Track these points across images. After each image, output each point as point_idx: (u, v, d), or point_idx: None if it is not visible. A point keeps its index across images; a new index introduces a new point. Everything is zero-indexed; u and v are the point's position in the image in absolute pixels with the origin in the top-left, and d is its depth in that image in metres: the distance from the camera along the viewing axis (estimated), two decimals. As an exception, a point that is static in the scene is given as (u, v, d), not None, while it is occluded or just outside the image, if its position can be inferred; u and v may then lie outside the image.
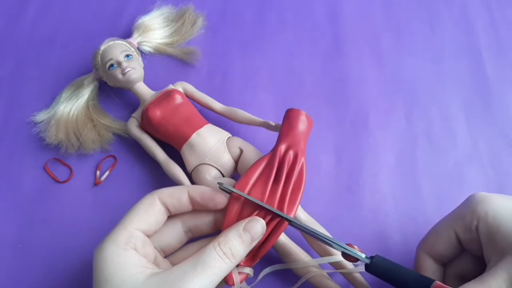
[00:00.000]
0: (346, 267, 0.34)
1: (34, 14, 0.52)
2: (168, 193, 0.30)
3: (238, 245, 0.28)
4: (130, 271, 0.26)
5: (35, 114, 0.44)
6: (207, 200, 0.31)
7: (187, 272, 0.26)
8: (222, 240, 0.28)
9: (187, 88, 0.43)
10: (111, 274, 0.26)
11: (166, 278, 0.26)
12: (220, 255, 0.27)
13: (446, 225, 0.32)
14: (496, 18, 0.50)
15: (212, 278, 0.26)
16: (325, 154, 0.43)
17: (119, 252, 0.27)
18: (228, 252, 0.28)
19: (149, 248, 0.30)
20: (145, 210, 0.30)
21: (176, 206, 0.31)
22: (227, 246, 0.28)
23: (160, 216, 0.30)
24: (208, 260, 0.27)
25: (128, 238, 0.28)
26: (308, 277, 0.34)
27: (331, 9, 0.51)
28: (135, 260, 0.27)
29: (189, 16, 0.49)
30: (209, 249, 0.28)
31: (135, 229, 0.29)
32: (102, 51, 0.42)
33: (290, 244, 0.36)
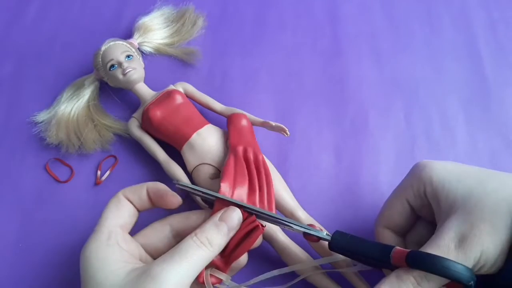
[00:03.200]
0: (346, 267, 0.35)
1: (34, 14, 0.52)
2: (130, 190, 0.31)
3: (215, 234, 0.29)
4: (112, 267, 0.27)
5: (36, 114, 0.44)
6: (158, 198, 0.31)
7: (166, 262, 0.26)
8: (199, 230, 0.29)
9: (188, 88, 0.43)
10: (94, 271, 0.27)
11: (145, 270, 0.26)
12: (197, 243, 0.28)
13: (397, 196, 0.33)
14: (495, 19, 0.50)
15: (191, 266, 0.27)
16: (325, 154, 0.43)
17: (102, 248, 0.28)
18: (205, 240, 0.28)
19: (132, 244, 0.30)
20: (116, 207, 0.31)
21: (138, 202, 0.31)
22: (204, 235, 0.28)
23: (131, 209, 0.31)
24: (185, 248, 0.27)
25: (109, 234, 0.29)
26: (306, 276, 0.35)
27: (331, 9, 0.51)
28: (118, 255, 0.28)
29: (189, 16, 0.49)
30: (186, 239, 0.28)
31: (113, 226, 0.29)
32: (103, 51, 0.42)
33: (291, 245, 0.36)
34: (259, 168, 0.37)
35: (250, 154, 0.37)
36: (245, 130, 0.39)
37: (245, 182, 0.35)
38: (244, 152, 0.37)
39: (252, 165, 0.36)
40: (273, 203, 0.36)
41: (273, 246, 0.36)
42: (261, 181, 0.36)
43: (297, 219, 0.37)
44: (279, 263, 0.36)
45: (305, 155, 0.43)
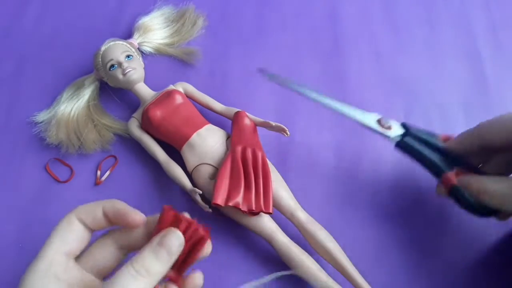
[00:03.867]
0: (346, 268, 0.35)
1: (34, 14, 0.52)
2: (84, 210, 0.29)
3: (153, 262, 0.26)
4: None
5: (36, 114, 0.44)
6: (118, 218, 0.28)
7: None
8: (135, 258, 0.26)
9: (188, 88, 0.43)
10: None
11: None
12: (133, 274, 0.25)
13: None
14: (495, 18, 0.50)
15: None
16: (325, 154, 0.43)
17: (38, 282, 0.26)
18: (142, 270, 0.25)
19: (74, 272, 0.28)
20: (64, 231, 0.28)
21: (91, 223, 0.28)
22: (140, 264, 0.25)
23: (81, 233, 0.28)
24: (121, 282, 0.24)
25: (49, 264, 0.27)
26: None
27: (331, 9, 0.51)
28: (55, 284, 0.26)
29: (189, 16, 0.49)
30: (122, 270, 0.25)
31: (55, 253, 0.27)
32: (103, 51, 0.42)
33: (291, 245, 0.36)
34: (257, 168, 0.37)
35: (249, 153, 0.37)
36: (247, 129, 0.39)
37: (240, 185, 0.36)
38: (243, 152, 0.37)
39: (249, 165, 0.37)
40: (269, 202, 0.36)
41: (273, 246, 0.36)
42: (258, 181, 0.36)
43: (297, 220, 0.37)
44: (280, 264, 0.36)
45: (305, 155, 0.43)
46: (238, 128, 0.39)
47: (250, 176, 0.36)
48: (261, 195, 0.36)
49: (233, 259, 0.38)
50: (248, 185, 0.36)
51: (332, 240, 0.36)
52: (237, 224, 0.37)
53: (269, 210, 0.35)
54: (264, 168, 0.37)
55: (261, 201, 0.36)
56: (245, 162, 0.37)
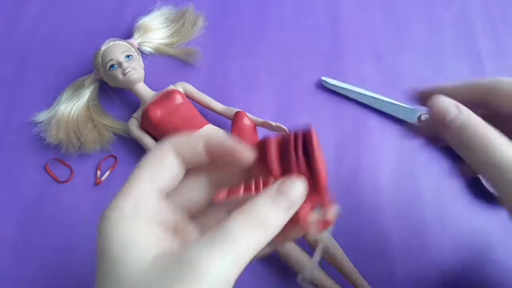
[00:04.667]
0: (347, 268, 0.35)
1: (34, 14, 0.52)
2: (182, 142, 0.23)
3: (270, 211, 0.21)
4: (135, 251, 0.20)
5: (36, 114, 0.44)
6: (223, 154, 0.23)
7: (206, 247, 0.19)
8: (248, 206, 0.21)
9: (187, 89, 0.43)
10: (113, 254, 0.20)
11: (179, 258, 0.19)
12: (247, 224, 0.20)
13: None
14: (495, 18, 0.50)
15: (239, 254, 0.19)
16: (325, 154, 0.43)
17: (124, 223, 0.21)
18: (255, 221, 0.20)
19: (166, 213, 0.23)
20: (156, 164, 0.23)
21: (190, 158, 0.23)
22: (254, 214, 0.21)
23: (176, 168, 0.23)
24: (231, 230, 0.20)
25: (136, 202, 0.21)
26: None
27: (331, 9, 0.51)
28: (144, 234, 0.21)
29: (189, 16, 0.49)
30: (232, 218, 0.20)
31: (146, 189, 0.22)
32: (103, 51, 0.42)
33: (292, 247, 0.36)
34: None
35: None
36: (247, 129, 0.39)
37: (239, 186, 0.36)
38: None
39: None
40: None
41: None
42: (258, 180, 0.36)
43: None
44: (280, 264, 0.36)
45: (305, 155, 0.43)
46: (238, 128, 0.39)
47: None
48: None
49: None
50: (247, 185, 0.36)
51: (332, 241, 0.36)
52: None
53: None
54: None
55: None
56: None
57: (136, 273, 0.19)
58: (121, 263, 0.20)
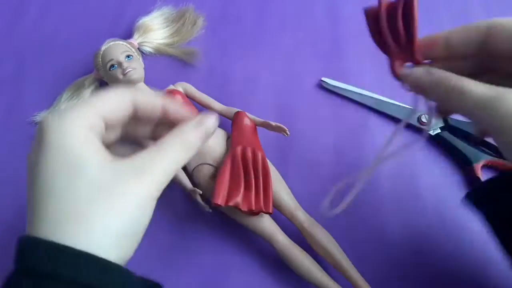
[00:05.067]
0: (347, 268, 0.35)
1: (34, 14, 0.52)
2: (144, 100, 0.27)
3: (193, 134, 0.27)
4: (94, 153, 0.23)
5: (36, 114, 0.44)
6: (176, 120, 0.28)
7: (149, 158, 0.24)
8: (177, 130, 0.26)
9: (188, 89, 0.43)
10: (70, 147, 0.23)
11: (131, 163, 0.24)
12: (176, 141, 0.26)
13: None
14: (496, 18, 0.50)
15: (171, 160, 0.25)
16: (325, 154, 0.43)
17: (83, 130, 0.23)
18: (182, 139, 0.26)
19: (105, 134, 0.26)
20: (115, 103, 0.26)
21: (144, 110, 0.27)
22: (181, 134, 0.26)
23: (123, 115, 0.27)
24: (166, 144, 0.25)
25: (94, 119, 0.24)
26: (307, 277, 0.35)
27: (331, 9, 0.51)
28: (98, 145, 0.24)
29: (189, 16, 0.49)
30: (167, 136, 0.26)
31: (101, 115, 0.25)
32: (103, 51, 0.42)
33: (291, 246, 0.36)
34: (257, 168, 0.37)
35: (249, 153, 0.37)
36: (247, 129, 0.39)
37: (240, 185, 0.36)
38: (243, 152, 0.37)
39: (249, 165, 0.37)
40: (269, 202, 0.36)
41: (273, 246, 0.36)
42: (258, 181, 0.36)
43: (297, 220, 0.37)
44: (280, 264, 0.36)
45: (305, 155, 0.43)
46: (238, 128, 0.40)
47: (250, 176, 0.36)
48: (261, 195, 0.36)
49: (233, 260, 0.38)
50: (248, 185, 0.36)
51: (332, 241, 0.36)
52: (238, 224, 0.37)
53: (269, 210, 0.35)
54: (264, 168, 0.37)
55: (261, 201, 0.35)
56: (245, 162, 0.37)
57: (93, 170, 0.23)
58: (80, 161, 0.23)
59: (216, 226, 0.39)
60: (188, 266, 0.38)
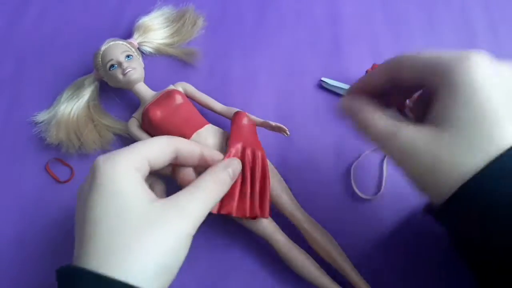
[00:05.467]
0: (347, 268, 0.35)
1: (34, 14, 0.52)
2: (185, 145, 0.32)
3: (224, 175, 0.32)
4: (139, 193, 0.27)
5: (36, 114, 0.44)
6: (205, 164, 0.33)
7: (191, 196, 0.28)
8: (211, 170, 0.32)
9: (187, 89, 0.43)
10: (118, 188, 0.26)
11: (172, 201, 0.27)
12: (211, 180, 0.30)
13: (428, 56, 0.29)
14: (496, 18, 0.50)
15: (208, 199, 0.29)
16: (325, 154, 0.43)
17: (131, 171, 0.27)
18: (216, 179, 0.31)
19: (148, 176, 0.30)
20: (160, 148, 0.30)
21: (186, 157, 0.32)
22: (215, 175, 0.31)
23: (168, 159, 0.31)
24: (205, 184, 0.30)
25: (141, 163, 0.28)
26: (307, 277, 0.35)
27: (331, 10, 0.51)
28: (144, 186, 0.28)
29: (189, 16, 0.49)
30: (203, 177, 0.30)
31: (146, 159, 0.29)
32: (103, 51, 0.42)
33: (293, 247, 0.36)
34: (255, 169, 0.36)
35: (249, 153, 0.37)
36: (246, 129, 0.39)
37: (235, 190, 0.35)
38: (242, 152, 0.37)
39: (247, 166, 0.36)
40: (266, 206, 0.35)
41: (273, 246, 0.36)
42: (254, 184, 0.36)
43: (297, 220, 0.37)
44: (280, 264, 0.36)
45: (305, 155, 0.43)
46: (237, 128, 0.39)
47: (247, 178, 0.36)
48: (256, 200, 0.35)
49: (233, 259, 0.38)
50: (243, 189, 0.36)
51: (332, 241, 0.36)
52: (237, 224, 0.37)
53: (265, 215, 0.35)
54: (263, 169, 0.37)
55: (257, 206, 0.35)
56: (243, 163, 0.36)
57: (139, 207, 0.26)
58: (128, 200, 0.26)
59: (216, 225, 0.39)
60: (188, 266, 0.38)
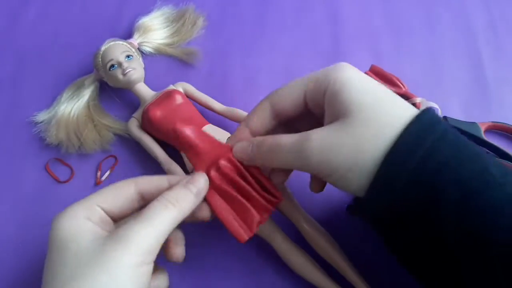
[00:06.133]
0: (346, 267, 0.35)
1: (34, 14, 0.52)
2: (147, 181, 0.29)
3: (183, 194, 0.28)
4: (77, 238, 0.26)
5: (36, 114, 0.44)
6: None
7: (132, 224, 0.25)
8: (166, 192, 0.28)
9: (187, 89, 0.43)
10: (60, 242, 0.26)
11: (112, 234, 0.26)
12: (164, 203, 0.27)
13: (300, 83, 0.31)
14: (495, 18, 0.50)
15: (158, 227, 0.26)
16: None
17: (77, 222, 0.26)
18: (172, 200, 0.27)
19: (106, 225, 0.28)
20: (115, 192, 0.29)
21: (153, 193, 0.29)
22: (171, 195, 0.28)
23: (128, 203, 0.29)
24: (152, 210, 0.26)
25: (89, 213, 0.27)
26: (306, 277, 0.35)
27: (331, 9, 0.51)
28: (91, 228, 0.26)
29: (189, 16, 0.49)
30: (153, 202, 0.27)
31: (96, 205, 0.28)
32: (103, 51, 0.42)
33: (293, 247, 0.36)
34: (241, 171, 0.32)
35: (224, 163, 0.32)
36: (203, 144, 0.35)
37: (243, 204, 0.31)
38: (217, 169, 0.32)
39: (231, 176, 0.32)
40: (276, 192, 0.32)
41: (273, 246, 0.36)
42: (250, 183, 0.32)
43: (297, 220, 0.37)
44: (280, 264, 0.36)
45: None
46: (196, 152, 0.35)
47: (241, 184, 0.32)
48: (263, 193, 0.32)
49: (233, 260, 0.38)
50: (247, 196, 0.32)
51: (331, 240, 0.36)
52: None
53: (280, 198, 0.33)
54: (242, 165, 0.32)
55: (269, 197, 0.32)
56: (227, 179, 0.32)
57: (79, 250, 0.25)
58: (67, 247, 0.25)
59: (216, 225, 0.39)
60: (188, 266, 0.38)
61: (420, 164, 0.25)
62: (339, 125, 0.27)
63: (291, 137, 0.28)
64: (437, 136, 0.25)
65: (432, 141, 0.25)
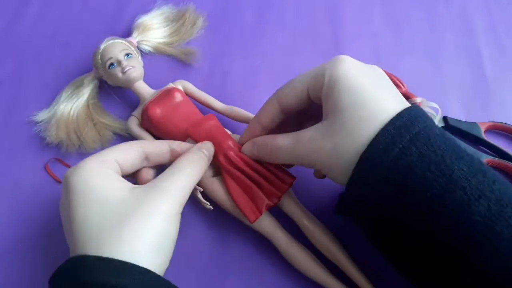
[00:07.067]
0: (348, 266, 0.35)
1: (34, 14, 0.52)
2: (151, 143, 0.34)
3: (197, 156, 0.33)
4: (116, 183, 0.29)
5: (36, 114, 0.44)
6: None
7: (171, 177, 0.30)
8: (185, 154, 0.33)
9: (187, 87, 0.43)
10: (94, 186, 0.28)
11: (153, 186, 0.29)
12: (187, 162, 0.32)
13: (301, 80, 0.32)
14: (495, 18, 0.50)
15: (187, 179, 0.30)
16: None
17: (99, 169, 0.29)
18: (191, 160, 0.32)
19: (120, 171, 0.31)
20: (127, 150, 0.32)
21: (157, 155, 0.33)
22: (190, 157, 0.32)
23: (138, 160, 0.32)
24: (181, 165, 0.31)
25: (111, 162, 0.30)
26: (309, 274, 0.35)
27: (331, 9, 0.51)
28: (118, 178, 0.29)
29: (189, 16, 0.49)
30: (177, 160, 0.32)
31: (113, 159, 0.30)
32: (102, 50, 0.42)
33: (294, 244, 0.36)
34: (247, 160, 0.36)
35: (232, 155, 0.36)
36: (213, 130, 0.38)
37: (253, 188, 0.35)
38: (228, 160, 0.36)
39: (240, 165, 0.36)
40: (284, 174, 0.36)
41: (274, 243, 0.36)
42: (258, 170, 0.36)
43: (298, 217, 0.36)
44: (281, 262, 0.36)
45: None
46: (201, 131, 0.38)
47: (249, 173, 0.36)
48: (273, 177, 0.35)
49: (234, 258, 0.38)
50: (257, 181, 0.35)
51: (332, 237, 0.36)
52: (238, 221, 0.37)
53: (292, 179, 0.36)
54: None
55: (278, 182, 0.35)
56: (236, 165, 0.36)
57: (119, 199, 0.27)
58: (105, 192, 0.27)
59: (217, 223, 0.39)
60: (188, 265, 0.38)
61: (393, 163, 0.25)
62: (323, 126, 0.29)
63: (287, 139, 0.31)
64: (412, 135, 0.26)
65: (407, 140, 0.26)
